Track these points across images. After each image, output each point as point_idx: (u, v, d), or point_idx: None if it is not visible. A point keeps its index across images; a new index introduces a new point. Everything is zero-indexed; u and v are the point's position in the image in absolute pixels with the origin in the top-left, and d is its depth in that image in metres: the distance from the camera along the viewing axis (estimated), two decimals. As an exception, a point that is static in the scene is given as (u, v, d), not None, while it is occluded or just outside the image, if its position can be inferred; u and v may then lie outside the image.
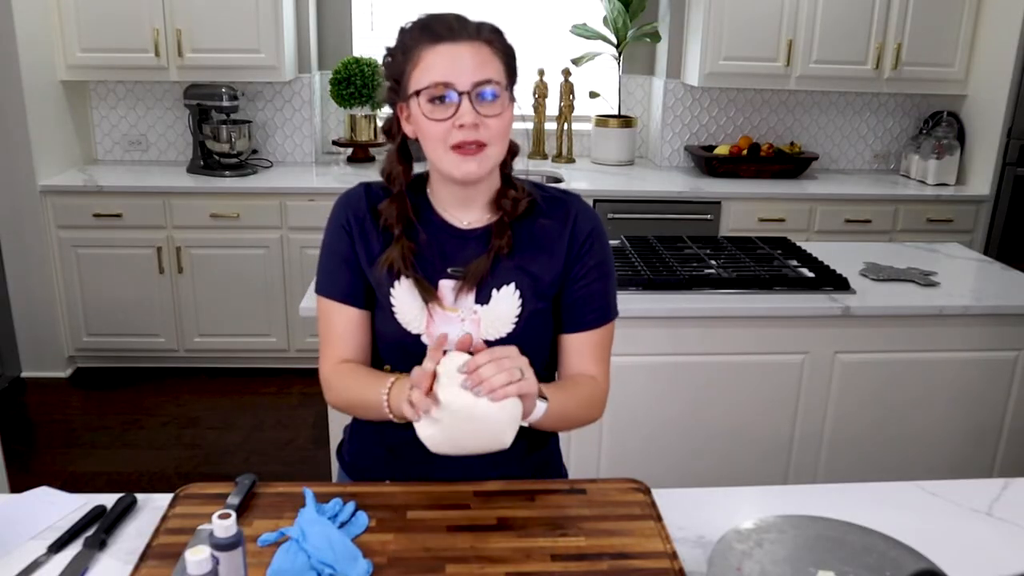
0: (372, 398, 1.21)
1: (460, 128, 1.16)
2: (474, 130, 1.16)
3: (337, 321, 1.31)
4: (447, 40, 1.17)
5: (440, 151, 1.19)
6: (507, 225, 1.27)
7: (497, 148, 1.21)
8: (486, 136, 1.18)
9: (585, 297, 1.31)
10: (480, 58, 1.17)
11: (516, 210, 1.27)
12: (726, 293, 2.36)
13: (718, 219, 3.71)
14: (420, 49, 1.18)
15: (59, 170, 3.66)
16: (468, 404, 1.06)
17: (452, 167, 1.20)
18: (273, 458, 3.12)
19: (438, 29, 1.17)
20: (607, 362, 1.36)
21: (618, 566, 1.13)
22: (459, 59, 1.16)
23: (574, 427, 1.33)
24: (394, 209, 1.27)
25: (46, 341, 3.68)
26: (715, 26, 3.74)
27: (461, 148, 1.18)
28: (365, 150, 4.05)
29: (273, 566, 1.09)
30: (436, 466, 1.24)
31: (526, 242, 1.29)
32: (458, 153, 1.18)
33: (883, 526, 1.21)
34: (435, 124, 1.17)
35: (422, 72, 1.18)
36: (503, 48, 1.21)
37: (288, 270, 3.66)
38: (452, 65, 1.16)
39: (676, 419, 2.37)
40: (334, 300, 1.31)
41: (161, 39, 3.58)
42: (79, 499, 1.28)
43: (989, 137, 3.81)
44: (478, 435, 1.08)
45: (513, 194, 1.28)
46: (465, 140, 1.17)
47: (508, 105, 1.21)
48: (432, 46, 1.17)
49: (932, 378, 2.42)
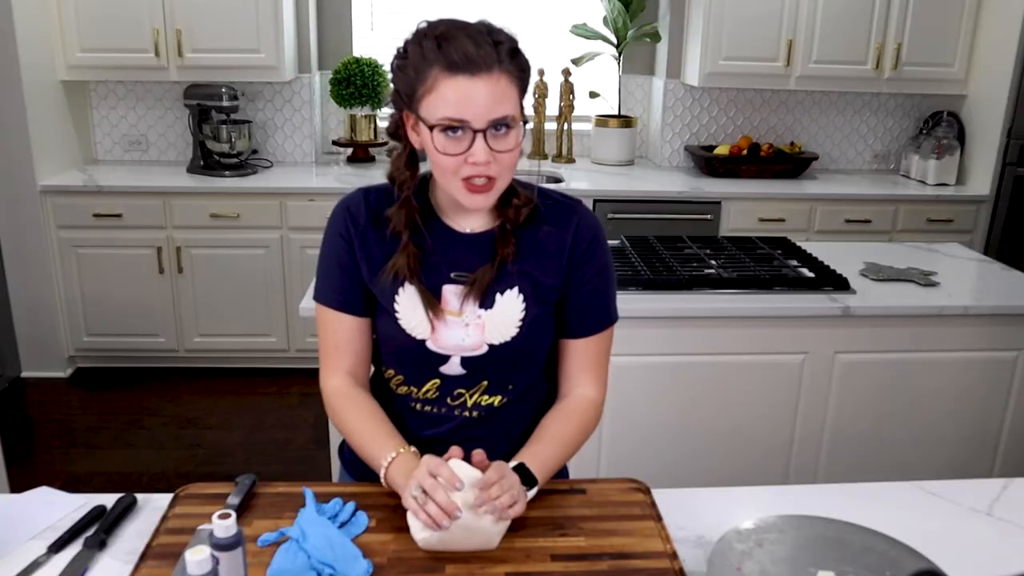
0: (368, 453, 1.26)
1: (472, 164, 1.15)
2: (486, 167, 1.15)
3: (336, 330, 1.31)
4: (464, 73, 1.11)
5: (449, 178, 1.18)
6: (511, 233, 1.27)
7: (508, 177, 1.20)
8: (496, 171, 1.17)
9: (587, 303, 1.31)
10: (498, 94, 1.13)
11: (518, 218, 1.27)
12: (726, 293, 2.36)
13: (718, 219, 3.71)
14: (435, 74, 1.13)
15: (59, 170, 3.66)
16: (471, 519, 1.11)
17: (461, 197, 1.19)
18: (273, 458, 3.12)
19: (456, 57, 1.11)
20: (606, 367, 1.37)
21: (618, 566, 1.13)
22: (476, 95, 1.12)
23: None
24: (402, 215, 1.25)
25: (46, 341, 3.68)
26: (715, 26, 3.74)
27: (471, 182, 1.17)
28: (365, 150, 4.05)
29: (273, 566, 1.09)
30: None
31: (529, 247, 1.29)
32: (467, 187, 1.17)
33: (883, 526, 1.21)
34: (447, 158, 1.15)
35: (436, 102, 1.13)
36: (519, 72, 1.17)
37: (288, 270, 3.66)
38: (468, 102, 1.12)
39: (676, 419, 2.37)
40: (333, 309, 1.30)
41: (161, 39, 3.58)
42: (79, 499, 1.28)
43: (989, 137, 3.81)
44: (471, 542, 1.14)
45: (516, 202, 1.27)
46: (476, 174, 1.16)
47: (519, 134, 1.18)
48: (449, 76, 1.12)
49: (932, 378, 2.42)
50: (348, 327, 1.31)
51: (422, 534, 1.13)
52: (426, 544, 1.13)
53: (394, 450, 1.22)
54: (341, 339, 1.31)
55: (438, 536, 1.12)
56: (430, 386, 1.31)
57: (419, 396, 1.32)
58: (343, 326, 1.30)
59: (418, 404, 1.33)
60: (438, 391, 1.31)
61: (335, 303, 1.30)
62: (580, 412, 1.33)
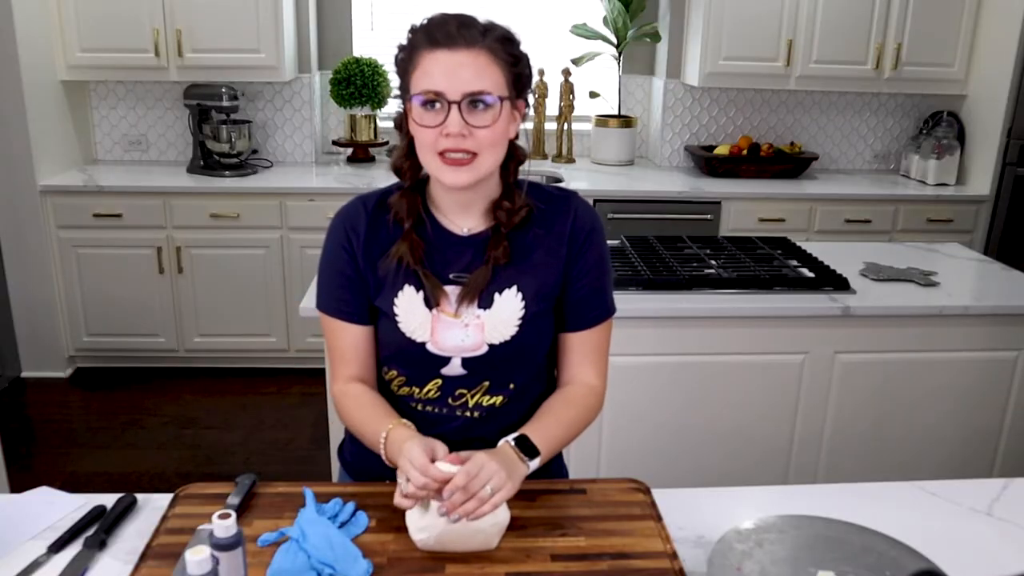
0: (370, 438, 1.27)
1: (447, 136, 1.16)
2: (460, 139, 1.16)
3: (342, 337, 1.33)
4: (444, 47, 1.16)
5: (428, 156, 1.20)
6: (503, 236, 1.27)
7: (489, 157, 1.20)
8: (474, 146, 1.17)
9: (587, 296, 1.32)
10: (476, 67, 1.16)
11: (511, 221, 1.27)
12: (726, 293, 2.36)
13: (718, 219, 3.71)
14: (420, 52, 1.18)
15: (59, 170, 3.66)
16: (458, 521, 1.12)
17: (440, 174, 1.20)
18: (273, 458, 3.12)
19: (438, 34, 1.16)
20: (607, 358, 1.37)
21: (618, 566, 1.13)
22: (454, 68, 1.16)
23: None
24: (404, 203, 1.27)
25: (46, 341, 3.68)
26: (715, 26, 3.73)
27: (447, 156, 1.18)
28: (365, 150, 4.05)
29: (273, 566, 1.09)
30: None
31: (527, 247, 1.29)
32: (445, 161, 1.18)
33: (883, 526, 1.21)
34: (424, 130, 1.18)
35: (419, 77, 1.18)
36: (507, 56, 1.19)
37: (288, 270, 3.66)
38: (445, 74, 1.16)
39: (676, 419, 2.37)
40: (337, 319, 1.32)
41: (161, 39, 3.58)
42: (79, 499, 1.28)
43: (989, 137, 3.80)
44: (470, 543, 1.14)
45: (508, 205, 1.27)
46: (450, 148, 1.17)
47: (507, 114, 1.20)
48: (431, 51, 1.17)
49: (932, 378, 2.42)
50: (354, 336, 1.32)
51: (420, 535, 1.13)
52: (424, 545, 1.13)
53: (387, 428, 1.23)
54: (347, 348, 1.33)
55: (436, 537, 1.12)
56: (431, 386, 1.31)
57: (420, 397, 1.32)
58: (349, 335, 1.32)
59: (419, 405, 1.33)
60: (439, 391, 1.31)
61: (340, 314, 1.32)
62: (582, 397, 1.33)
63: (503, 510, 1.15)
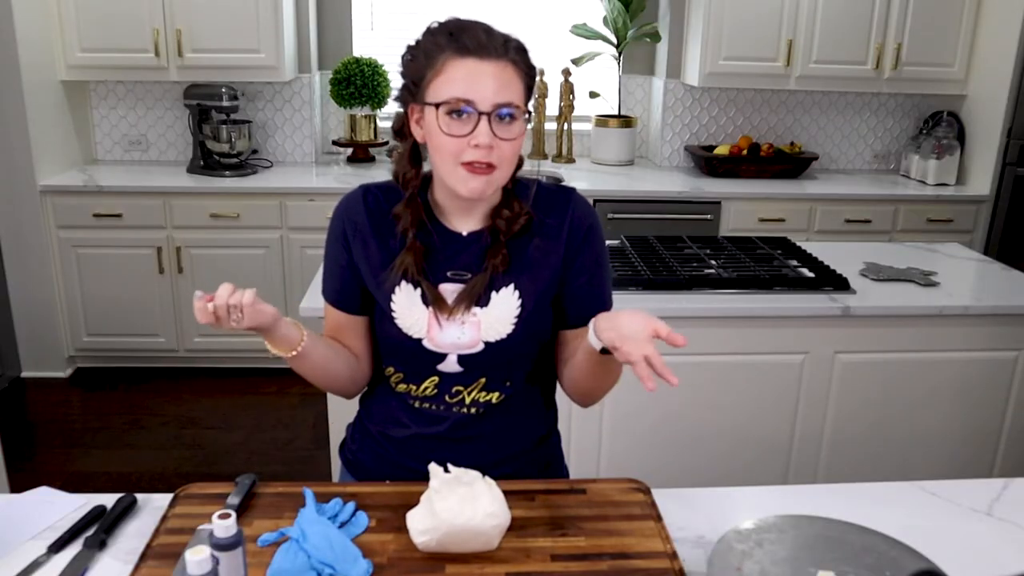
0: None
1: (475, 147, 1.15)
2: (488, 151, 1.16)
3: (335, 320, 1.35)
4: (474, 56, 1.15)
5: (450, 165, 1.18)
6: (503, 244, 1.27)
7: (505, 171, 1.20)
8: (497, 158, 1.17)
9: (587, 293, 1.31)
10: (504, 79, 1.16)
11: (511, 229, 1.27)
12: (726, 293, 2.36)
13: (718, 219, 3.71)
14: (445, 58, 1.16)
15: (59, 170, 3.66)
16: (463, 520, 1.11)
17: (458, 183, 1.19)
18: (273, 458, 3.12)
19: (467, 42, 1.15)
20: None
21: (618, 566, 1.13)
22: (483, 78, 1.15)
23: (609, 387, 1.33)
24: (408, 213, 1.27)
25: (46, 341, 3.68)
26: (715, 26, 3.73)
27: (471, 166, 1.17)
28: (365, 150, 4.05)
29: (273, 566, 1.09)
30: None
31: (525, 252, 1.29)
32: (467, 170, 1.17)
33: (883, 526, 1.21)
34: (450, 139, 1.16)
35: (444, 83, 1.16)
36: (526, 68, 1.20)
37: (288, 270, 3.66)
38: (476, 83, 1.15)
39: (676, 419, 2.37)
40: (333, 306, 1.35)
41: (161, 39, 3.58)
42: (79, 499, 1.28)
43: (989, 137, 3.80)
44: (470, 544, 1.14)
45: (508, 213, 1.27)
46: (477, 160, 1.16)
47: (522, 127, 1.20)
48: (459, 59, 1.15)
49: (932, 378, 2.42)
50: (344, 323, 1.34)
51: (422, 537, 1.13)
52: (425, 547, 1.13)
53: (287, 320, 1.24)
54: (337, 332, 1.35)
55: (438, 540, 1.12)
56: (428, 383, 1.31)
57: (418, 394, 1.32)
58: (339, 320, 1.35)
59: (417, 402, 1.33)
60: (436, 388, 1.31)
61: (336, 302, 1.34)
62: None
63: (504, 511, 1.15)
